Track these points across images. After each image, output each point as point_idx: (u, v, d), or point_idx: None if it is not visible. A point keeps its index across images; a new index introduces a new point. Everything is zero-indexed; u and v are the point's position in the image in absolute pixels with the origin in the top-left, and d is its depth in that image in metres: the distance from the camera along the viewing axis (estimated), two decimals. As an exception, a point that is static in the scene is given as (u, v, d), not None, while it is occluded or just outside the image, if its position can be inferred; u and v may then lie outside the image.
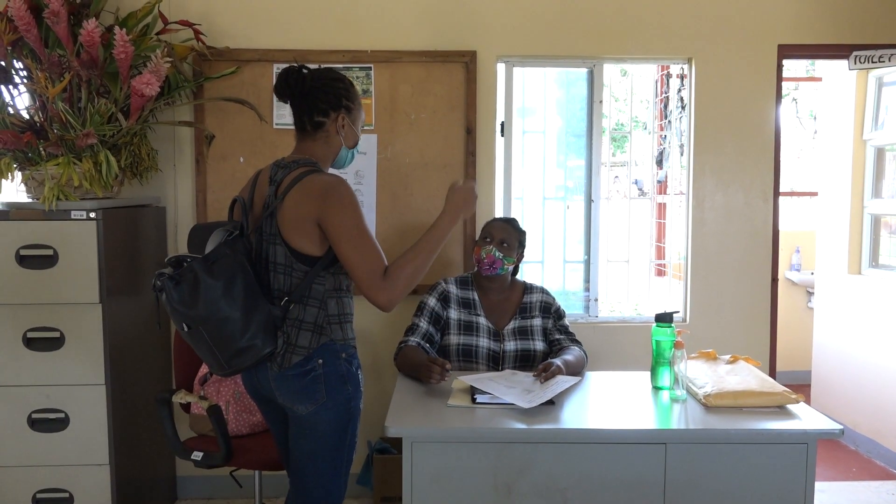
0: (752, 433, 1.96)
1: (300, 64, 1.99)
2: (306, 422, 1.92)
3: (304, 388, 1.89)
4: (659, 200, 3.91)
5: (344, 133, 1.99)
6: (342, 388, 1.92)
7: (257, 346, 1.85)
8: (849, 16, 3.26)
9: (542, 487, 1.95)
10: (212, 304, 1.80)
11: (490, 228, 2.67)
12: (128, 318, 2.80)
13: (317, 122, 1.97)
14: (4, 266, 2.54)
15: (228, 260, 1.83)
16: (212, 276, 1.80)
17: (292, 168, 1.92)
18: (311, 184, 1.87)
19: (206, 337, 1.83)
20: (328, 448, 1.94)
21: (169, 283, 1.80)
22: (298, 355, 1.89)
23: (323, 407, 1.90)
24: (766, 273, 3.32)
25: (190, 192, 3.19)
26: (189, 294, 1.80)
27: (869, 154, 3.95)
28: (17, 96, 2.76)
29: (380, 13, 3.16)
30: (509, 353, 2.57)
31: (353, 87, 2.03)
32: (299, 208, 1.86)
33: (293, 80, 1.94)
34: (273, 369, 1.91)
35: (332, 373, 1.91)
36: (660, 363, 2.28)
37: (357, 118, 2.02)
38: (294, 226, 1.87)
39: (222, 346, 1.84)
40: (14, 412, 2.60)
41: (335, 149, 2.00)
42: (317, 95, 1.95)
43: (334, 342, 1.92)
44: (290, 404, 1.92)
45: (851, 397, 3.98)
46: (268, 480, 2.93)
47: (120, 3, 3.01)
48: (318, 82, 1.96)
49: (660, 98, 3.75)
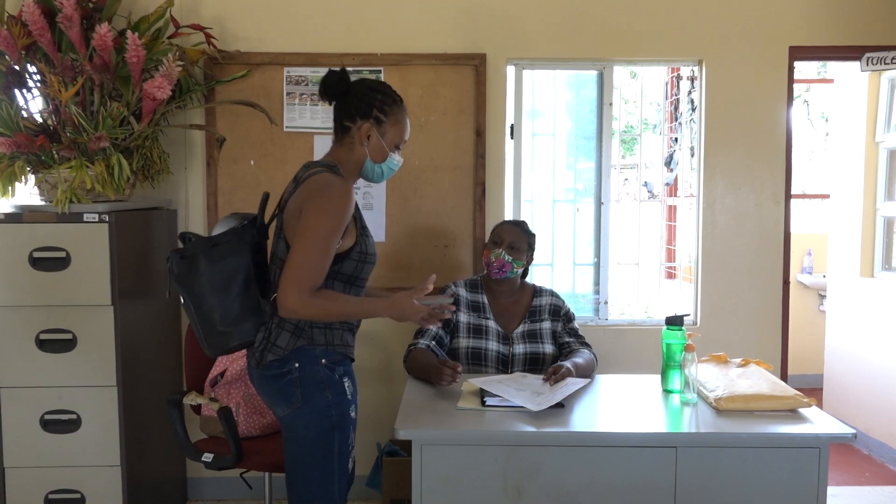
0: (764, 437, 1.94)
1: (343, 67, 1.99)
2: (286, 425, 1.95)
3: (280, 390, 1.91)
4: (669, 203, 3.90)
5: (369, 144, 1.95)
6: (320, 395, 1.90)
7: (234, 335, 1.90)
8: (861, 17, 3.23)
9: (552, 491, 1.94)
10: (204, 284, 1.86)
11: (499, 232, 2.67)
12: (139, 320, 2.82)
13: (344, 127, 1.97)
14: (18, 268, 2.56)
15: (231, 245, 1.88)
16: (208, 259, 1.86)
17: (312, 168, 1.94)
18: (313, 180, 1.88)
19: (195, 314, 1.90)
20: (311, 455, 1.93)
21: (175, 256, 1.88)
22: (275, 355, 1.90)
23: (300, 412, 1.90)
24: (778, 276, 3.30)
25: (201, 194, 3.21)
26: (188, 270, 1.86)
27: (882, 156, 3.93)
28: (30, 100, 2.78)
29: (390, 16, 3.17)
30: (519, 357, 2.57)
31: (395, 104, 1.98)
32: (296, 202, 1.88)
33: (333, 80, 1.95)
34: (251, 363, 1.96)
35: (308, 378, 1.90)
36: (670, 366, 2.27)
37: (387, 133, 1.97)
38: (290, 220, 1.89)
39: (205, 325, 1.90)
40: (27, 413, 2.62)
41: (358, 158, 1.97)
42: (350, 101, 1.95)
43: (314, 347, 1.90)
44: (270, 405, 1.98)
45: (864, 401, 3.95)
46: (278, 482, 2.93)
47: (132, 7, 3.03)
48: (355, 88, 1.96)
49: (670, 100, 3.74)
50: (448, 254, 3.24)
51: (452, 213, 3.22)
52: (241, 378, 2.61)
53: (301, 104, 3.17)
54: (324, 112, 3.17)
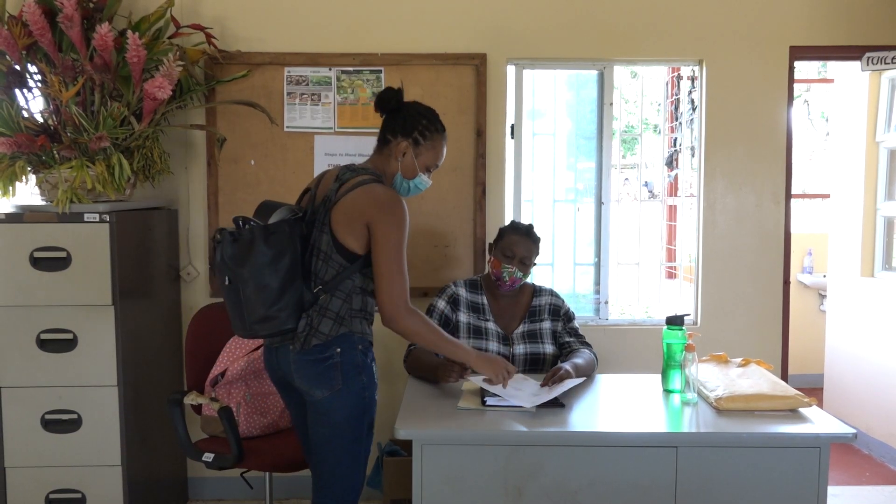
0: (764, 437, 1.94)
1: (401, 88, 2.12)
2: (322, 407, 2.02)
3: (321, 373, 2.00)
4: (669, 203, 3.90)
5: (402, 161, 2.10)
6: (357, 378, 2.02)
7: (280, 319, 1.98)
8: (861, 17, 3.23)
9: (553, 491, 1.95)
10: (257, 269, 1.94)
11: (512, 245, 2.58)
12: (140, 319, 2.82)
13: (385, 139, 2.12)
14: (18, 268, 2.56)
15: (284, 235, 1.98)
16: (266, 244, 1.95)
17: (360, 173, 2.06)
18: (374, 191, 2.02)
19: (241, 296, 1.96)
20: (345, 437, 2.04)
21: (228, 237, 1.97)
22: (318, 339, 2.00)
23: (338, 394, 2.00)
24: (778, 276, 3.30)
25: (202, 194, 3.21)
26: (241, 253, 1.95)
27: (882, 156, 3.92)
28: (31, 100, 2.78)
29: (390, 16, 3.17)
30: (519, 357, 2.57)
31: (437, 132, 2.14)
32: (356, 208, 1.99)
33: (388, 96, 2.12)
34: (294, 348, 2.01)
35: (349, 362, 2.01)
36: (671, 366, 2.27)
37: (422, 155, 2.12)
38: (346, 222, 1.99)
39: (252, 308, 1.96)
40: (27, 413, 2.62)
41: (391, 171, 2.12)
42: (397, 117, 2.11)
43: (353, 333, 2.03)
44: (307, 388, 2.03)
45: (864, 401, 3.95)
46: (279, 482, 2.94)
47: (133, 7, 3.03)
48: (407, 108, 2.13)
49: (670, 100, 3.74)
50: (448, 254, 3.24)
51: (453, 213, 3.22)
52: (242, 378, 2.61)
53: (301, 104, 3.17)
54: (324, 112, 3.17)
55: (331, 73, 3.17)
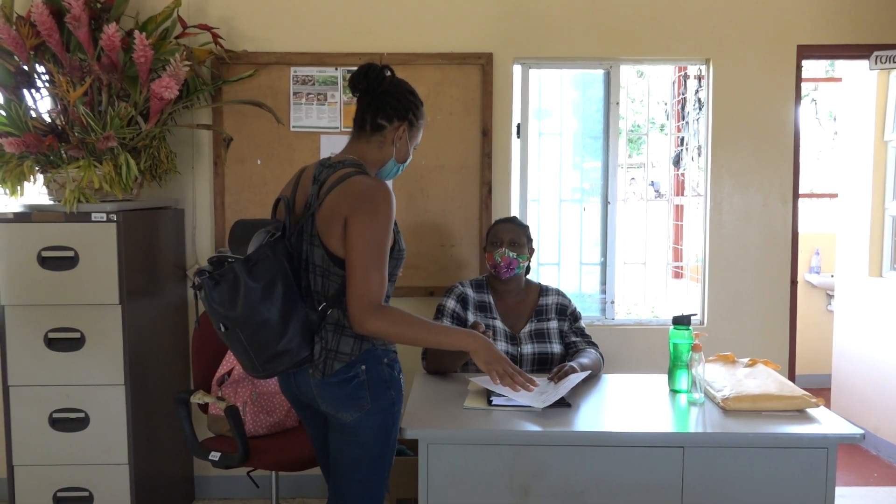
0: (772, 437, 1.94)
1: (385, 64, 1.95)
2: (350, 428, 1.86)
3: (349, 395, 1.84)
4: (676, 202, 3.89)
5: (398, 146, 1.94)
6: (386, 394, 1.87)
7: (293, 351, 1.80)
8: (869, 15, 3.22)
9: (559, 490, 1.94)
10: (251, 307, 1.75)
11: (496, 232, 2.64)
12: (147, 318, 2.83)
13: (377, 125, 1.92)
14: (26, 267, 2.57)
15: (269, 262, 1.78)
16: (252, 279, 1.75)
17: (337, 168, 1.86)
18: (353, 184, 1.81)
19: (243, 339, 1.78)
20: (373, 455, 1.90)
21: (209, 283, 1.76)
22: (341, 362, 1.83)
23: (368, 413, 1.85)
24: (786, 275, 3.28)
25: (208, 194, 3.22)
26: (228, 295, 1.75)
27: (890, 155, 3.90)
28: (39, 100, 2.80)
29: (396, 16, 3.17)
30: (526, 357, 2.57)
31: (423, 109, 2.00)
32: (335, 207, 1.80)
33: (373, 74, 1.91)
34: (315, 377, 1.86)
35: (376, 378, 1.86)
36: (677, 366, 2.27)
37: (415, 137, 1.99)
38: (328, 226, 1.81)
39: (258, 349, 1.79)
40: (35, 412, 2.64)
41: (385, 157, 1.95)
42: (387, 100, 1.92)
43: (376, 347, 1.87)
44: (334, 412, 1.87)
45: (872, 401, 3.93)
46: (285, 481, 2.95)
47: (140, 7, 3.04)
48: (394, 87, 1.94)
49: (677, 99, 3.73)
50: (454, 253, 3.24)
51: (458, 212, 3.22)
52: (248, 377, 2.62)
53: (308, 104, 3.17)
54: (330, 112, 3.17)
55: (337, 73, 3.17)
